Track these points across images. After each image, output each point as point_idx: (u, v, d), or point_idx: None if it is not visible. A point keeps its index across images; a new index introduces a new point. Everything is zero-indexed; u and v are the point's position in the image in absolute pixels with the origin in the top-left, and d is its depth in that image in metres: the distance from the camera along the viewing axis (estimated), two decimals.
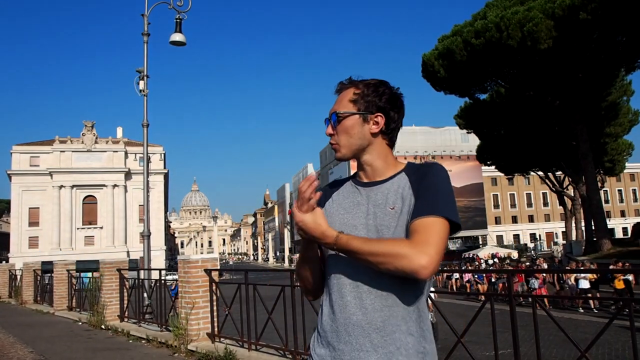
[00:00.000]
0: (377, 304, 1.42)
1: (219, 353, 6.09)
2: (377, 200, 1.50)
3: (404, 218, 1.44)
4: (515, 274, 12.42)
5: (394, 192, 1.49)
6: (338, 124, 1.54)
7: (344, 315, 1.44)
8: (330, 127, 1.56)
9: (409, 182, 1.49)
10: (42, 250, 52.19)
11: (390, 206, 1.47)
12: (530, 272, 21.04)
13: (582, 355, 3.55)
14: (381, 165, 1.55)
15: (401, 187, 1.49)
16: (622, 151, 40.24)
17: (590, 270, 15.25)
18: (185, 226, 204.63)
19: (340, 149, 1.55)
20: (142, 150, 12.58)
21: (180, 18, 12.28)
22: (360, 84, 1.56)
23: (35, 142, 57.53)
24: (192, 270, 6.85)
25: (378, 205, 1.49)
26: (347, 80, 1.58)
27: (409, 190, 1.47)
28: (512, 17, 25.13)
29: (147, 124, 12.33)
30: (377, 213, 1.48)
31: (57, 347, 7.89)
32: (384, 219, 1.46)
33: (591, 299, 17.39)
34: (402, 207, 1.45)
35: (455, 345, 4.21)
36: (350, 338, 1.42)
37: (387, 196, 1.49)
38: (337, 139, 1.55)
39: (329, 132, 1.57)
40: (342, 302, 1.45)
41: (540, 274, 19.20)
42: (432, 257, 1.31)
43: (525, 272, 21.72)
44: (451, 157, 60.95)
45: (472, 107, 36.23)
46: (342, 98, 1.56)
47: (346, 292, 1.45)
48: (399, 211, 1.45)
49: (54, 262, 13.75)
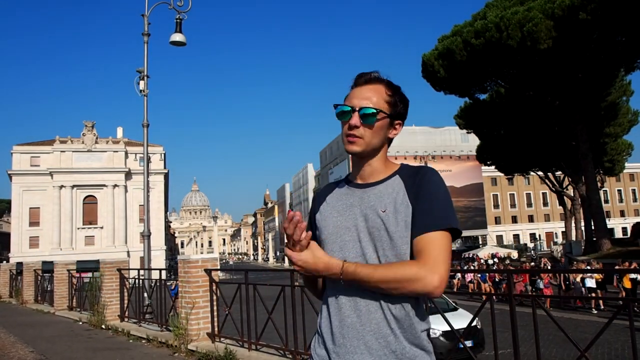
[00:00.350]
0: (372, 306, 1.42)
1: (219, 353, 6.10)
2: (370, 202, 1.50)
3: (396, 222, 1.43)
4: (515, 274, 12.44)
5: (387, 195, 1.49)
6: (369, 119, 1.48)
7: (339, 317, 1.45)
8: (357, 118, 1.48)
9: (404, 187, 1.49)
10: (42, 250, 52.22)
11: (382, 209, 1.46)
12: (531, 272, 21.05)
13: (582, 355, 3.55)
14: (379, 166, 1.55)
15: (395, 191, 1.49)
16: (621, 151, 40.25)
17: (593, 270, 15.22)
18: (186, 226, 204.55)
19: (360, 143, 1.50)
20: (142, 150, 12.59)
21: (181, 18, 12.28)
22: (392, 85, 1.54)
23: (36, 142, 57.54)
24: (192, 270, 6.86)
25: (370, 207, 1.49)
26: (377, 75, 1.54)
27: (404, 195, 1.47)
28: (512, 17, 25.14)
29: (147, 124, 12.33)
30: (368, 215, 1.47)
31: (57, 347, 7.90)
32: (376, 221, 1.46)
33: (591, 298, 17.40)
34: (395, 211, 1.45)
35: (455, 345, 4.22)
36: (345, 340, 1.42)
37: (381, 199, 1.49)
38: (362, 132, 1.49)
39: (355, 123, 1.48)
40: (337, 304, 1.46)
41: (546, 274, 19.09)
42: (442, 276, 1.35)
43: (524, 272, 21.76)
44: (451, 157, 60.96)
45: (472, 107, 36.24)
46: (377, 94, 1.50)
47: (341, 294, 1.46)
48: (390, 215, 1.44)
49: (55, 262, 13.76)
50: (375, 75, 1.54)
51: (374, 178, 1.55)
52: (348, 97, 1.54)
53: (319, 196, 1.66)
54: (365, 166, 1.56)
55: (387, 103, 1.51)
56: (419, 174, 1.50)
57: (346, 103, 1.52)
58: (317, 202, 1.65)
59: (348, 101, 1.52)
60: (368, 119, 1.48)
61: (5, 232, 69.49)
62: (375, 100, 1.49)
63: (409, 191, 1.47)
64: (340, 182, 1.66)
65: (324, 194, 1.65)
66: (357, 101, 1.49)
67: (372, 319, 1.41)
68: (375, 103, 1.49)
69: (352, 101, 1.51)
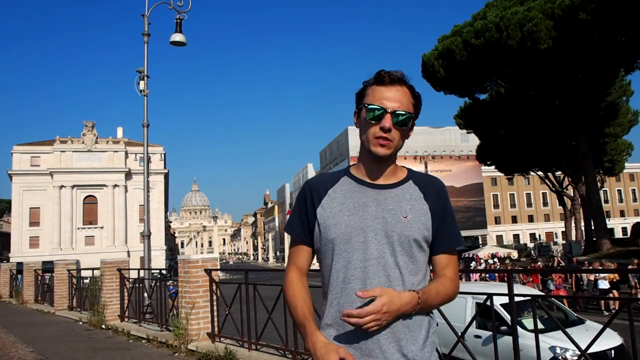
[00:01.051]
0: None
1: (219, 353, 6.10)
2: (388, 205, 1.50)
3: (418, 229, 1.49)
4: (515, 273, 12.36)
5: (406, 201, 1.51)
6: (402, 123, 1.48)
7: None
8: (391, 121, 1.46)
9: (422, 196, 1.53)
10: (42, 250, 52.21)
11: (403, 215, 1.48)
12: (529, 272, 21.01)
13: (583, 354, 3.56)
14: (392, 168, 1.57)
15: (413, 198, 1.52)
16: (621, 151, 40.27)
17: (605, 270, 14.99)
18: (186, 226, 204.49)
19: (392, 146, 1.49)
20: (142, 150, 12.58)
21: (181, 18, 12.28)
22: (412, 87, 1.54)
23: (36, 142, 57.57)
24: (192, 270, 6.86)
25: (389, 211, 1.49)
26: (402, 76, 1.51)
27: (423, 204, 1.52)
28: (512, 17, 25.15)
29: (147, 124, 12.33)
30: (387, 218, 1.48)
31: (57, 347, 7.90)
32: (396, 225, 1.47)
33: (592, 298, 17.30)
34: (417, 219, 1.50)
35: (455, 345, 4.23)
36: (360, 343, 1.42)
37: (400, 204, 1.50)
38: (393, 135, 1.47)
39: (390, 126, 1.46)
40: (351, 308, 1.43)
41: (557, 274, 18.63)
42: (459, 285, 1.60)
43: (524, 272, 21.71)
44: (451, 157, 60.93)
45: (472, 107, 36.24)
46: (405, 97, 1.50)
47: (356, 298, 1.42)
48: (412, 222, 1.48)
49: (55, 262, 13.77)
50: (400, 76, 1.50)
51: (387, 180, 1.55)
52: (373, 96, 1.49)
53: (318, 187, 1.58)
54: (382, 167, 1.54)
55: (413, 106, 1.52)
56: (436, 185, 1.58)
57: (376, 103, 1.47)
58: (316, 194, 1.57)
59: (377, 101, 1.47)
60: (401, 122, 1.48)
61: (6, 232, 69.54)
62: (405, 103, 1.49)
63: (428, 200, 1.53)
64: (340, 176, 1.60)
65: (324, 185, 1.58)
66: (389, 103, 1.46)
67: (387, 323, 1.40)
68: (406, 106, 1.49)
69: (383, 102, 1.47)
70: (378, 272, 1.43)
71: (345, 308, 1.41)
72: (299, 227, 1.59)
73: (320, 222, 1.53)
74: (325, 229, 1.51)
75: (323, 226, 1.52)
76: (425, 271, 1.53)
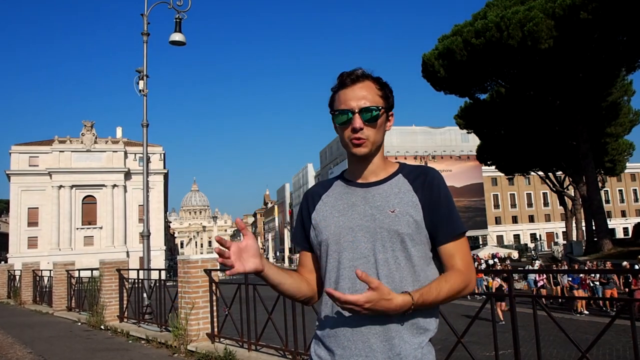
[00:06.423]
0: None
1: (218, 353, 6.07)
2: (376, 202, 1.48)
3: (407, 223, 1.43)
4: (514, 273, 12.36)
5: (393, 195, 1.48)
6: (372, 118, 1.46)
7: (343, 320, 1.42)
8: (360, 120, 1.45)
9: (411, 188, 1.49)
10: (41, 251, 52.23)
11: (390, 209, 1.45)
12: (530, 272, 21.01)
13: (583, 355, 3.52)
14: (380, 164, 1.54)
15: (401, 191, 1.48)
16: (622, 151, 40.32)
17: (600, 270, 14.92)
18: (185, 226, 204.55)
19: (368, 144, 1.47)
20: (142, 150, 12.57)
21: (180, 18, 12.27)
22: (378, 79, 1.52)
23: (35, 142, 57.55)
24: (192, 271, 6.83)
25: (377, 207, 1.47)
26: (363, 71, 1.50)
27: (412, 196, 1.47)
28: (513, 17, 25.14)
29: (147, 124, 12.31)
30: (375, 215, 1.46)
31: (56, 348, 7.87)
32: (384, 221, 1.44)
33: (592, 299, 17.29)
34: (405, 212, 1.44)
35: (455, 345, 4.19)
36: (349, 343, 1.40)
37: (387, 199, 1.47)
38: (367, 133, 1.46)
39: (360, 125, 1.45)
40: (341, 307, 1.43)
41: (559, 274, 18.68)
42: (475, 275, 1.49)
43: (524, 272, 21.70)
44: (451, 157, 60.99)
45: (472, 107, 36.25)
46: (370, 91, 1.48)
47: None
48: (399, 215, 1.44)
49: (53, 263, 13.74)
50: (361, 72, 1.49)
51: (376, 177, 1.53)
52: (339, 100, 1.49)
53: (313, 195, 1.62)
54: (366, 165, 1.53)
55: (381, 97, 1.49)
56: (427, 175, 1.51)
57: (342, 107, 1.47)
58: (311, 201, 1.60)
59: (343, 104, 1.47)
60: (370, 118, 1.46)
61: (4, 232, 69.52)
62: (371, 97, 1.47)
63: (417, 191, 1.48)
64: (334, 181, 1.62)
65: (318, 192, 1.61)
66: (354, 103, 1.45)
67: (377, 322, 1.38)
68: (372, 101, 1.47)
69: (348, 104, 1.46)
70: (367, 270, 1.40)
71: (333, 307, 1.43)
72: (300, 236, 1.64)
73: (314, 225, 1.56)
74: (318, 231, 1.53)
75: (316, 229, 1.55)
76: (425, 266, 1.47)
